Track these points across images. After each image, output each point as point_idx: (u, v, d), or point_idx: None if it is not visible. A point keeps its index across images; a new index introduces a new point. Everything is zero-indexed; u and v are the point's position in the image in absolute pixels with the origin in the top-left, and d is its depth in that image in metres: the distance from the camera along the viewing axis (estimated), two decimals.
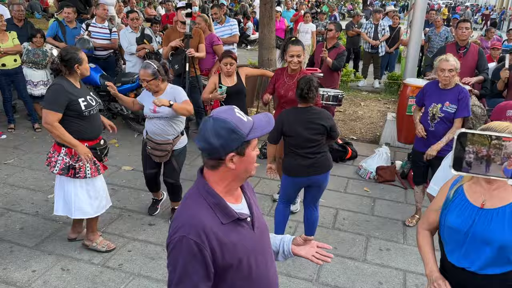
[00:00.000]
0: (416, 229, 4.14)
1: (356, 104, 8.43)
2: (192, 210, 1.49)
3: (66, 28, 6.61)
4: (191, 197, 1.54)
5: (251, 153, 1.52)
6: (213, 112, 1.50)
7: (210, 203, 1.50)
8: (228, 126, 1.45)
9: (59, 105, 3.21)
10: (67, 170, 3.34)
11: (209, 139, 1.45)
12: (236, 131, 1.45)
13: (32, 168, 5.12)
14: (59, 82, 3.27)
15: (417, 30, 6.18)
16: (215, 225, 1.47)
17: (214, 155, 1.48)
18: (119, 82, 6.14)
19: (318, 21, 11.48)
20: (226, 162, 1.48)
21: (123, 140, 6.05)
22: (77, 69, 3.29)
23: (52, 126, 3.22)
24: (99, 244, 3.66)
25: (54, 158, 3.36)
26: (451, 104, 3.76)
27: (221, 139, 1.44)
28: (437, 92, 3.87)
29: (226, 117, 1.46)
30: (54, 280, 3.29)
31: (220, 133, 1.44)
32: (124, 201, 4.49)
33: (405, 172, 5.25)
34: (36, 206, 4.31)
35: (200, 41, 5.68)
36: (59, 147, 3.36)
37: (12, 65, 5.95)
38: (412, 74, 6.27)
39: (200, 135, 1.48)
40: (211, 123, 1.46)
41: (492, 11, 37.34)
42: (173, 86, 3.87)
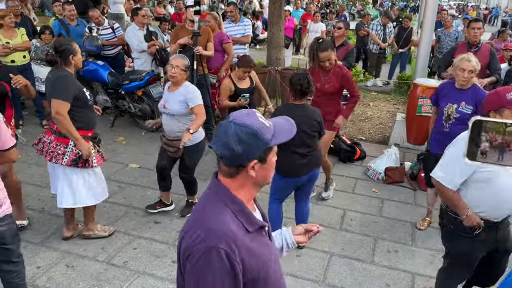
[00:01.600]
0: (425, 232, 4.08)
1: (365, 105, 8.35)
2: (218, 218, 1.35)
3: (69, 26, 6.61)
4: (211, 203, 1.40)
5: (272, 160, 1.43)
6: (233, 115, 1.39)
7: (234, 211, 1.38)
8: (251, 131, 1.35)
9: (69, 95, 3.26)
10: (78, 160, 3.37)
11: (231, 145, 1.34)
12: (260, 137, 1.35)
13: (39, 164, 5.12)
14: (65, 73, 3.30)
15: (427, 31, 6.12)
16: (242, 234, 1.36)
17: (235, 162, 1.37)
18: (127, 80, 6.13)
19: (327, 21, 11.42)
20: (248, 169, 1.38)
21: (130, 137, 6.04)
22: (71, 60, 3.33)
23: (63, 117, 3.24)
24: (100, 231, 3.72)
25: (61, 151, 3.36)
26: (467, 105, 3.66)
27: (244, 145, 1.34)
28: (453, 92, 3.76)
29: (249, 122, 1.36)
30: (58, 276, 3.27)
31: (243, 139, 1.34)
32: (130, 198, 4.48)
33: (414, 173, 5.17)
34: (43, 202, 4.30)
35: (209, 40, 5.65)
36: (65, 139, 3.36)
37: (21, 61, 5.96)
38: (422, 74, 6.20)
39: (220, 141, 1.36)
40: (233, 128, 1.34)
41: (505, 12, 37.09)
42: (189, 86, 3.81)
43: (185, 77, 3.79)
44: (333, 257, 3.66)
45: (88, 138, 3.44)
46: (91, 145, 3.42)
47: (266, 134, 1.37)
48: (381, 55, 9.68)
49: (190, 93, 3.75)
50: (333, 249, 3.77)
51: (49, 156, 3.40)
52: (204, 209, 1.41)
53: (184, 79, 3.79)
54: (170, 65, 3.72)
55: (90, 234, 3.71)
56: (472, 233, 2.59)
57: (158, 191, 4.47)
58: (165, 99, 3.84)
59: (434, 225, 4.22)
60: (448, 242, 2.84)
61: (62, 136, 3.37)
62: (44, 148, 3.44)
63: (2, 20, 5.72)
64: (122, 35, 6.77)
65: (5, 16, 5.72)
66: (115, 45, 6.80)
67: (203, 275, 1.30)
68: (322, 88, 4.27)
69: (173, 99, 3.77)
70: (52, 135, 3.44)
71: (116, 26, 6.76)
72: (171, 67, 3.69)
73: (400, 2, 35.86)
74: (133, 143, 5.91)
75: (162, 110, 3.85)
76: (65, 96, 3.23)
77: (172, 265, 3.45)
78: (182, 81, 3.79)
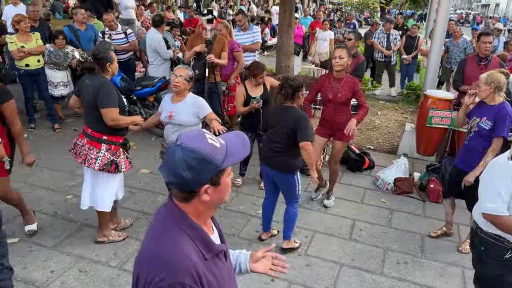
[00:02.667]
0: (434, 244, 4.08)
1: (373, 113, 8.37)
2: (178, 249, 1.28)
3: (78, 32, 6.70)
4: (169, 231, 1.33)
5: (226, 180, 1.36)
6: (181, 138, 1.32)
7: (193, 237, 1.32)
8: (200, 156, 1.28)
9: (116, 100, 3.41)
10: (110, 165, 3.48)
11: (179, 172, 1.27)
12: (210, 160, 1.29)
13: (51, 168, 5.18)
14: (105, 81, 3.41)
15: (438, 41, 6.12)
16: (201, 262, 1.30)
17: (186, 188, 1.31)
18: (139, 86, 6.20)
19: (336, 29, 11.46)
20: (200, 194, 1.32)
21: (141, 143, 6.10)
22: (108, 68, 3.44)
23: (118, 120, 3.44)
24: (114, 236, 3.79)
25: (94, 155, 3.45)
26: (487, 120, 3.67)
27: (193, 171, 1.27)
28: (481, 107, 3.80)
29: (197, 145, 1.29)
30: (72, 281, 3.31)
31: (192, 164, 1.27)
32: (141, 204, 4.52)
33: (423, 184, 5.18)
34: (55, 207, 4.35)
35: (223, 49, 5.70)
36: (98, 143, 3.47)
37: (36, 65, 6.04)
38: (432, 85, 6.21)
39: (167, 168, 1.30)
40: (180, 153, 1.28)
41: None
42: (195, 97, 3.83)
43: (188, 87, 3.73)
44: (343, 267, 3.68)
45: (119, 145, 3.55)
46: (121, 151, 3.57)
47: (216, 156, 1.30)
48: (387, 63, 9.67)
49: (199, 104, 3.74)
50: (343, 260, 3.79)
51: (80, 159, 3.49)
52: (162, 239, 1.32)
53: (187, 90, 3.74)
54: (174, 74, 3.68)
55: (104, 240, 3.75)
56: (503, 257, 2.49)
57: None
58: (170, 109, 3.74)
59: (444, 237, 4.24)
60: (478, 265, 2.71)
61: (96, 140, 3.48)
62: (77, 151, 3.55)
63: (17, 25, 5.82)
64: (134, 40, 6.85)
65: (21, 21, 5.82)
66: (127, 50, 6.87)
67: None
68: (335, 98, 4.31)
69: (181, 110, 3.71)
70: (85, 138, 3.52)
71: (129, 32, 6.85)
72: (175, 76, 3.65)
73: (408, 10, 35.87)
74: (143, 148, 5.97)
75: (167, 120, 3.76)
76: (112, 103, 3.39)
77: None
78: (185, 91, 3.73)
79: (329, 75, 4.41)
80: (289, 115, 3.58)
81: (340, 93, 4.30)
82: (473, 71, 5.14)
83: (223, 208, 4.54)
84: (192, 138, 1.31)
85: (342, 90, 4.30)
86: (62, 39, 6.18)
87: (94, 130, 3.49)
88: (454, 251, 4.04)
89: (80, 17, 6.70)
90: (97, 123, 3.46)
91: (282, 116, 3.63)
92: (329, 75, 4.41)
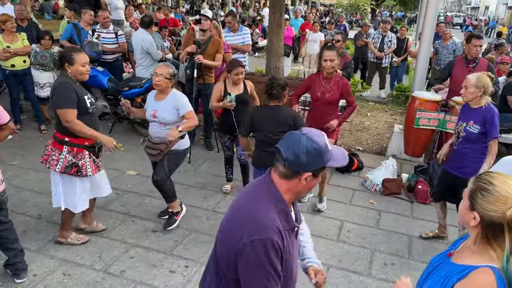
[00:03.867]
0: (422, 245, 4.08)
1: (363, 115, 8.39)
2: (268, 214, 1.58)
3: (82, 31, 6.66)
4: (262, 200, 1.62)
5: (319, 178, 1.65)
6: (306, 130, 1.61)
7: (278, 209, 1.60)
8: (319, 148, 1.57)
9: (72, 101, 3.30)
10: (70, 168, 3.40)
11: (299, 154, 1.56)
12: (322, 155, 1.58)
13: (37, 170, 5.10)
14: (64, 80, 3.34)
15: (426, 43, 6.15)
16: (281, 229, 1.58)
17: (294, 168, 1.58)
18: (126, 87, 6.14)
19: (326, 31, 11.49)
20: (301, 178, 1.59)
21: (129, 144, 6.04)
22: (67, 68, 3.34)
23: (73, 123, 3.32)
24: (73, 239, 3.74)
25: (55, 157, 3.40)
26: (474, 124, 3.62)
27: (309, 157, 1.56)
28: (466, 111, 3.76)
29: (319, 141, 1.58)
30: (55, 284, 3.25)
31: (310, 152, 1.56)
32: (127, 206, 4.47)
33: (411, 185, 5.19)
34: (40, 209, 4.29)
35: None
36: (60, 145, 3.41)
37: (21, 66, 5.96)
38: (421, 87, 6.23)
39: (291, 147, 1.58)
40: (305, 140, 1.57)
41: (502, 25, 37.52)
42: (176, 94, 3.87)
43: (170, 85, 3.79)
44: (330, 269, 3.67)
45: (83, 147, 3.43)
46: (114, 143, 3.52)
47: (326, 155, 1.59)
48: (378, 65, 9.71)
49: (179, 100, 3.80)
50: (331, 261, 3.77)
51: (41, 159, 3.48)
52: (256, 206, 1.61)
53: (169, 87, 3.80)
54: (155, 73, 3.74)
55: (62, 241, 3.72)
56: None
57: (155, 199, 4.48)
58: (153, 107, 3.81)
59: (432, 239, 4.24)
60: None
61: (58, 142, 3.42)
62: (45, 152, 3.51)
63: (3, 25, 5.74)
64: (124, 42, 6.79)
65: (7, 21, 5.74)
66: (115, 52, 6.81)
67: (258, 262, 1.52)
68: (323, 97, 4.32)
69: (163, 108, 3.78)
70: (51, 140, 3.50)
71: (119, 33, 6.79)
72: (156, 75, 3.72)
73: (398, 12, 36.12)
74: (131, 149, 5.91)
75: (152, 119, 3.84)
76: (67, 105, 3.28)
77: (170, 275, 3.44)
78: (168, 89, 3.80)
79: (319, 74, 4.40)
80: (281, 115, 3.64)
81: (329, 92, 4.31)
82: (461, 73, 5.15)
83: (211, 210, 4.51)
84: (315, 134, 1.61)
85: (330, 90, 4.31)
86: (48, 40, 6.10)
87: (58, 132, 3.44)
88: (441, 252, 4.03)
89: (88, 18, 6.69)
90: (59, 124, 3.41)
91: (275, 117, 3.65)
92: (319, 74, 4.41)
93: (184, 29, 12.30)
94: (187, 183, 5.00)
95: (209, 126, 6.14)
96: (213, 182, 5.16)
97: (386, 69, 9.80)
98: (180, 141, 3.92)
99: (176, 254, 3.72)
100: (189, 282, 3.37)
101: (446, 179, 3.94)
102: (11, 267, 3.24)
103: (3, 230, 3.13)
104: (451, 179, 3.84)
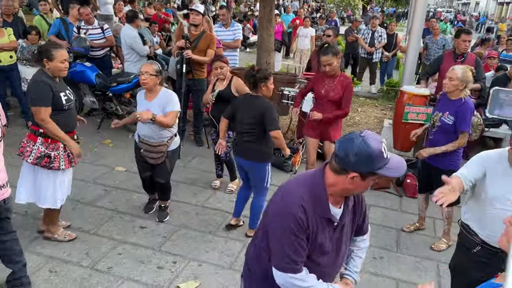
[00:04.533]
0: (410, 239, 4.11)
1: (353, 110, 8.40)
2: (300, 192, 1.72)
3: (70, 26, 6.57)
4: (303, 184, 1.76)
5: (368, 182, 1.68)
6: (366, 133, 1.64)
7: (314, 194, 1.72)
8: (369, 152, 1.59)
9: (47, 99, 3.25)
10: (42, 158, 3.37)
11: (348, 152, 1.61)
12: (373, 160, 1.60)
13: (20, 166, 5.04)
14: (39, 78, 3.29)
15: (415, 38, 6.17)
16: (312, 212, 1.71)
17: (342, 165, 1.65)
18: (114, 82, 6.09)
19: (317, 26, 11.48)
20: (348, 176, 1.64)
21: (117, 140, 5.99)
22: (46, 64, 3.28)
23: (46, 122, 3.27)
24: (60, 235, 3.70)
25: (29, 148, 3.38)
26: (449, 115, 3.69)
27: (357, 158, 1.60)
28: (444, 102, 3.82)
29: (373, 144, 1.60)
30: (41, 282, 3.22)
31: (360, 154, 1.59)
32: (115, 202, 4.44)
33: (400, 179, 5.21)
34: (25, 206, 4.21)
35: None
36: (35, 137, 3.38)
37: (8, 61, 5.88)
38: (410, 81, 6.25)
39: (344, 144, 1.64)
40: (359, 141, 1.60)
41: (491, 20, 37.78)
42: (167, 92, 3.84)
43: (158, 81, 3.74)
44: None
45: (59, 140, 3.40)
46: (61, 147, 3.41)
47: (378, 162, 1.61)
48: (369, 60, 9.73)
49: (169, 98, 3.78)
50: None
51: (19, 151, 3.42)
52: (297, 185, 1.77)
53: (157, 84, 3.74)
54: (140, 72, 3.70)
55: (50, 237, 3.69)
56: (471, 250, 2.51)
57: (144, 195, 4.45)
58: (146, 108, 3.73)
59: (419, 232, 4.27)
60: (453, 254, 2.79)
61: (33, 133, 3.40)
62: (21, 144, 3.46)
63: None
64: (111, 36, 6.73)
65: None
66: (103, 47, 6.75)
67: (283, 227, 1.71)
68: (326, 95, 4.23)
69: (154, 108, 3.72)
70: (28, 132, 3.47)
71: (105, 27, 6.73)
72: (141, 74, 3.68)
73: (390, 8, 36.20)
74: (120, 146, 5.87)
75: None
76: (41, 103, 3.24)
77: (157, 271, 3.42)
78: (156, 86, 3.75)
79: (322, 74, 4.30)
80: (256, 104, 3.65)
81: (333, 91, 4.20)
82: (449, 67, 5.16)
83: (200, 206, 4.49)
84: (373, 138, 1.63)
85: (334, 89, 4.20)
86: (35, 35, 6.04)
87: (33, 124, 3.41)
88: (429, 245, 4.07)
89: (75, 13, 6.61)
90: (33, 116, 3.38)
91: (249, 106, 3.68)
92: (322, 74, 4.31)
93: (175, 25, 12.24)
94: (177, 179, 4.98)
95: (199, 122, 6.11)
96: (203, 178, 5.14)
97: (376, 64, 9.84)
98: (174, 141, 3.94)
99: (164, 250, 3.70)
100: (177, 278, 3.36)
101: (425, 170, 4.00)
102: (17, 282, 3.04)
103: (8, 240, 2.95)
104: (428, 169, 3.93)
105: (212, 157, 5.03)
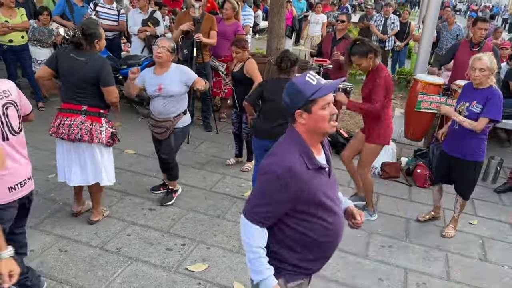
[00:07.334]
0: (419, 228, 4.09)
1: None
2: (287, 153, 1.77)
3: (74, 6, 6.53)
4: (287, 142, 1.82)
5: (318, 112, 1.74)
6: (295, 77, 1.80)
7: (300, 151, 1.77)
8: (295, 87, 1.76)
9: (113, 78, 3.42)
10: (112, 138, 3.53)
11: (284, 97, 1.80)
12: (302, 91, 1.73)
13: (34, 146, 5.06)
14: (102, 60, 3.38)
15: (429, 26, 6.07)
16: (304, 170, 1.74)
17: (288, 111, 1.80)
18: (124, 65, 6.06)
19: (329, 12, 11.32)
20: (297, 117, 1.77)
21: (127, 123, 6.00)
22: (96, 44, 3.37)
23: (118, 99, 3.45)
24: (104, 214, 3.85)
25: (97, 130, 3.41)
26: (477, 104, 3.56)
27: (290, 97, 1.77)
28: (469, 92, 3.70)
29: (297, 80, 1.78)
30: (51, 260, 3.25)
31: (290, 93, 1.78)
32: (125, 184, 4.45)
33: (410, 169, 5.17)
34: (37, 186, 4.17)
35: (212, 28, 5.57)
36: (99, 118, 3.44)
37: (19, 41, 5.88)
38: (423, 70, 6.16)
39: (283, 97, 1.82)
40: (287, 85, 1.80)
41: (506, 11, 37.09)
42: (179, 66, 3.91)
43: (171, 59, 3.80)
44: None
45: (106, 117, 3.52)
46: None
47: (309, 90, 1.73)
48: (381, 48, 9.58)
49: (185, 72, 3.87)
50: None
51: (87, 136, 3.37)
52: (281, 147, 1.82)
53: (169, 61, 3.80)
54: (156, 45, 3.73)
55: (98, 219, 3.74)
56: None
57: (152, 177, 4.46)
58: (157, 82, 3.76)
59: (429, 222, 4.24)
60: None
61: (96, 115, 3.44)
62: (74, 131, 3.36)
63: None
64: (124, 21, 6.69)
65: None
66: (113, 30, 6.71)
67: (264, 184, 1.78)
68: (362, 92, 4.03)
69: (169, 80, 3.76)
70: (81, 116, 3.39)
71: (122, 12, 6.67)
72: (157, 47, 3.71)
73: None
74: (129, 129, 5.87)
75: (157, 93, 3.78)
76: (113, 81, 3.42)
77: (166, 253, 3.44)
78: (168, 63, 3.79)
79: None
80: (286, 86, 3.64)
81: (366, 88, 3.93)
82: (465, 56, 5.07)
83: (208, 190, 4.49)
84: (298, 76, 1.80)
85: (366, 85, 3.93)
86: (46, 16, 6.01)
87: (91, 106, 3.40)
88: (438, 235, 4.04)
89: None
90: (93, 98, 3.40)
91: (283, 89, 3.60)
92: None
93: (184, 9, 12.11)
94: (186, 163, 4.98)
95: (208, 107, 6.09)
96: (211, 162, 5.14)
97: (388, 52, 9.69)
98: (183, 117, 3.95)
99: (173, 232, 3.72)
100: (185, 260, 3.37)
101: (444, 161, 3.92)
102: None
103: (21, 233, 2.87)
104: (449, 160, 3.83)
105: (220, 142, 5.03)
